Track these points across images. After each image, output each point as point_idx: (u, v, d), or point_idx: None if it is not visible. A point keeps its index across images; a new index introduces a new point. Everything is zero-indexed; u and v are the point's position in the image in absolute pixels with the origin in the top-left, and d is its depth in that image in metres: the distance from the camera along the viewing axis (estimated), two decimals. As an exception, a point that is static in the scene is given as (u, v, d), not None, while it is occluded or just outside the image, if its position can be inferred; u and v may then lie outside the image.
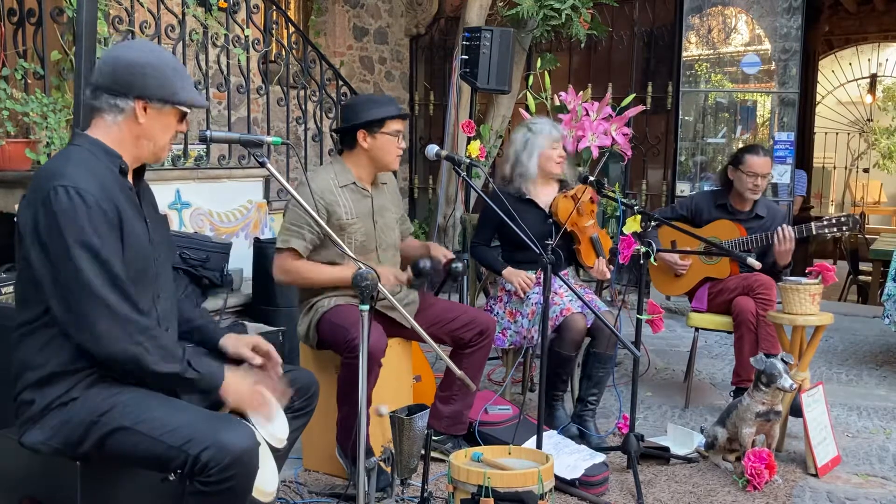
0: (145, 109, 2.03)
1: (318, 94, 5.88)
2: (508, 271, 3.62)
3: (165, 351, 1.97)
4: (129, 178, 2.10)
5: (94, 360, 1.96)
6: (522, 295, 3.57)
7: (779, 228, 3.82)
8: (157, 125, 2.06)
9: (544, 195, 3.73)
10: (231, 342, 2.29)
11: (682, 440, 3.52)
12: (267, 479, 2.08)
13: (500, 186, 3.66)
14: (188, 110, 2.10)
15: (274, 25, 5.74)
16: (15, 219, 3.65)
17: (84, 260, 1.89)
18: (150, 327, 1.96)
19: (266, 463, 2.07)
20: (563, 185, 3.77)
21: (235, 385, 2.09)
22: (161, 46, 3.01)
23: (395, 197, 3.35)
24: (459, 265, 3.17)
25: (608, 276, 3.55)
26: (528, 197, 3.69)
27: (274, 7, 5.69)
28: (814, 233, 3.87)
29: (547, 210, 3.70)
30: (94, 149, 2.02)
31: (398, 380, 3.22)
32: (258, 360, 2.25)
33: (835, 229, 3.84)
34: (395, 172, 3.31)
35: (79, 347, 1.95)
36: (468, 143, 4.50)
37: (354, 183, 3.09)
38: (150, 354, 1.94)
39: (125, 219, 1.99)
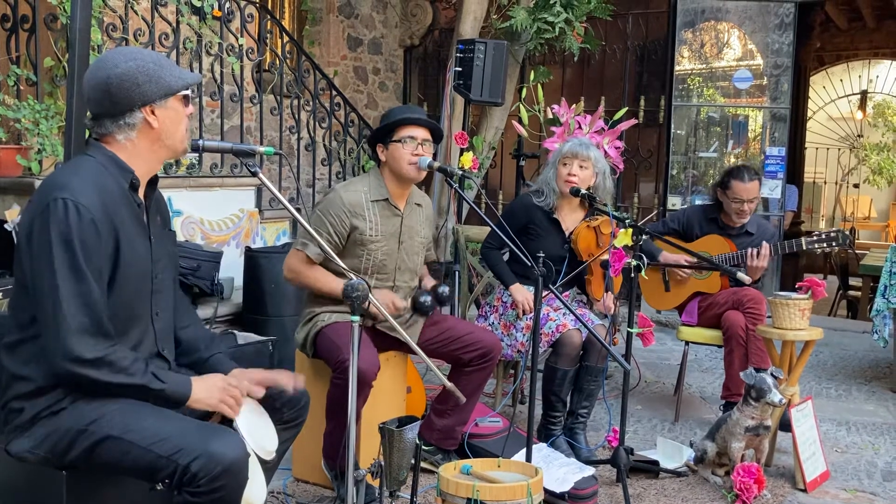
0: (153, 112, 2.03)
1: (311, 103, 5.89)
2: (516, 287, 3.57)
3: (118, 370, 1.92)
4: (142, 192, 2.09)
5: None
6: (521, 314, 3.55)
7: (751, 249, 3.84)
8: (169, 120, 2.06)
9: (570, 219, 3.67)
10: (236, 378, 2.24)
11: (672, 454, 3.52)
12: (255, 490, 2.07)
13: (534, 198, 3.64)
14: (189, 92, 2.10)
15: (268, 35, 5.75)
16: (5, 224, 3.65)
17: (65, 277, 1.86)
18: (97, 357, 1.88)
19: (254, 474, 2.06)
20: (591, 211, 3.65)
21: (202, 393, 2.05)
22: (130, 47, 3.00)
23: (429, 220, 3.28)
24: (446, 289, 3.14)
25: (613, 310, 3.52)
26: (554, 216, 3.64)
27: (268, 16, 5.70)
28: (804, 248, 3.89)
29: (567, 234, 3.65)
30: (106, 162, 2.01)
31: (392, 392, 3.21)
32: (261, 392, 2.20)
33: (825, 245, 3.86)
34: (421, 186, 3.25)
35: None
36: (461, 154, 4.51)
37: (387, 199, 3.05)
38: (96, 374, 1.88)
39: (123, 238, 1.97)
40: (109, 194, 1.96)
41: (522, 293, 3.55)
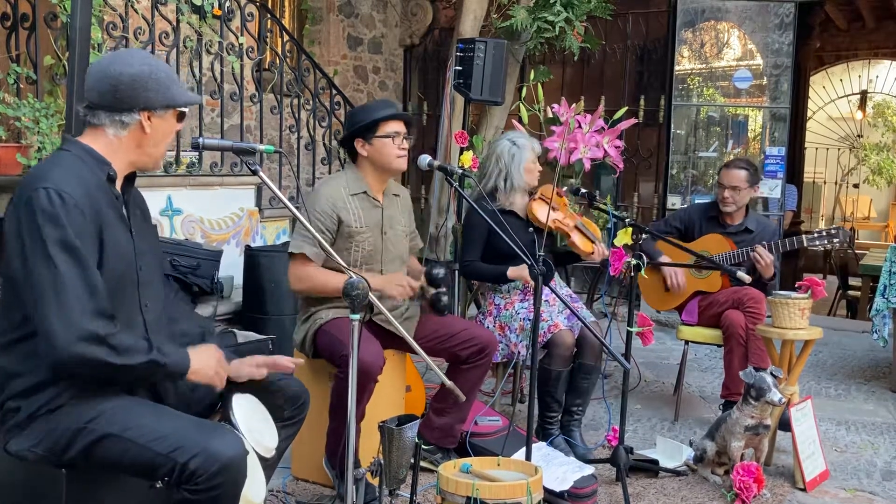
0: (150, 118, 2.05)
1: (311, 102, 5.89)
2: (512, 270, 3.53)
3: (124, 349, 1.92)
4: (119, 185, 2.10)
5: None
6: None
7: (753, 253, 3.86)
8: (160, 131, 2.09)
9: (519, 206, 3.73)
10: (234, 369, 2.26)
11: (671, 453, 3.52)
12: (254, 488, 2.07)
13: (479, 201, 3.64)
14: (186, 109, 2.14)
15: (268, 34, 5.74)
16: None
17: (62, 261, 1.87)
18: (108, 334, 1.89)
19: (254, 472, 2.06)
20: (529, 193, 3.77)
21: (199, 364, 2.08)
22: (144, 51, 3.03)
23: (408, 210, 3.32)
24: (441, 270, 3.13)
25: (607, 253, 3.51)
26: (509, 209, 3.67)
27: (269, 15, 5.69)
28: (805, 245, 3.90)
29: (525, 219, 3.69)
30: (83, 155, 2.03)
31: (391, 391, 3.21)
32: (263, 372, 2.27)
33: (825, 241, 3.87)
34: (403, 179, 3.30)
35: None
36: (461, 153, 4.51)
37: (365, 192, 3.09)
38: (106, 354, 1.89)
39: (106, 227, 1.98)
40: (89, 184, 1.98)
41: (518, 271, 3.50)
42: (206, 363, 2.10)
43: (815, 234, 3.89)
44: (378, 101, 3.31)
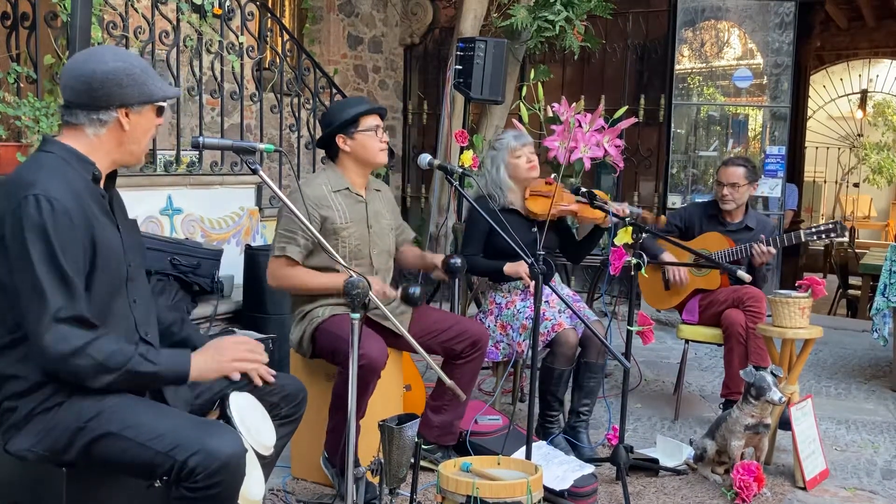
0: (127, 115, 2.04)
1: (311, 101, 5.88)
2: (509, 266, 3.52)
3: (108, 360, 1.91)
4: (101, 184, 2.10)
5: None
6: (530, 281, 3.46)
7: (757, 247, 3.87)
8: (140, 127, 2.08)
9: (519, 203, 3.70)
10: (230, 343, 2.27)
11: (672, 452, 3.52)
12: (253, 486, 2.07)
13: (480, 200, 3.65)
14: (165, 104, 2.12)
15: (268, 33, 5.74)
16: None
17: (44, 273, 1.87)
18: (91, 340, 1.90)
19: (252, 470, 2.06)
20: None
21: (202, 368, 2.07)
22: (119, 47, 3.00)
23: (391, 204, 3.35)
24: (458, 261, 3.13)
25: (628, 210, 3.42)
26: (510, 207, 3.66)
27: (269, 15, 5.69)
28: (802, 240, 3.93)
29: (526, 216, 3.68)
30: (66, 156, 2.01)
31: (389, 389, 3.21)
32: (237, 376, 2.21)
33: (823, 235, 3.90)
34: (386, 175, 3.31)
35: None
36: (461, 152, 4.51)
37: (348, 188, 3.11)
38: (89, 373, 1.90)
39: (97, 227, 1.98)
40: (76, 186, 1.97)
41: (518, 266, 3.48)
42: (208, 364, 2.08)
43: (813, 229, 3.93)
44: (351, 99, 3.34)
